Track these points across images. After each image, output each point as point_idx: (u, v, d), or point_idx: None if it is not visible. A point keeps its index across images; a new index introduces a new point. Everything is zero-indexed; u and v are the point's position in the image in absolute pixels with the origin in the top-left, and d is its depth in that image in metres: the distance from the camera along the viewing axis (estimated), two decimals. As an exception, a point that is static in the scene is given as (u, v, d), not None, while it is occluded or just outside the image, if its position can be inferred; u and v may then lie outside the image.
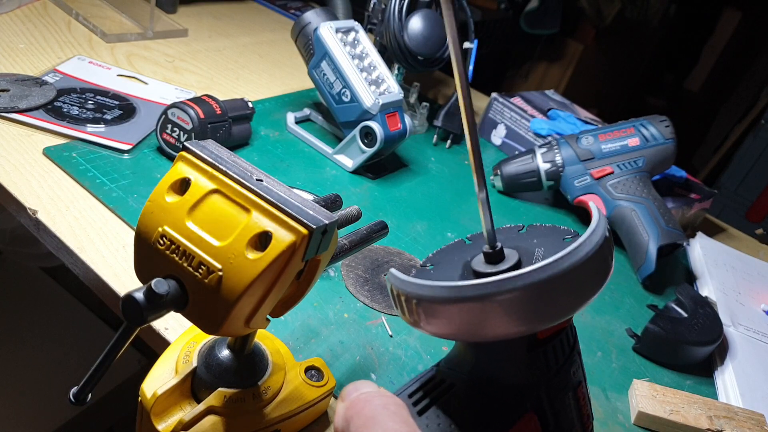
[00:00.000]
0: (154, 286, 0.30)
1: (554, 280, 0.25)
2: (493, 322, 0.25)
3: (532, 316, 0.25)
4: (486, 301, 0.25)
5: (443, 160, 0.90)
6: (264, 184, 0.33)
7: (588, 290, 0.26)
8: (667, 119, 0.81)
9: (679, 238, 0.74)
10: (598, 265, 0.26)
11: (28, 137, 0.65)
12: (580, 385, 0.31)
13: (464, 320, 0.26)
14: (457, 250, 0.34)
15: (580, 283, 0.25)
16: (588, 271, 0.26)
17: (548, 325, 0.26)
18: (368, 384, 0.27)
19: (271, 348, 0.42)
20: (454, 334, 0.26)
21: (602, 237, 0.26)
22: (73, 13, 0.94)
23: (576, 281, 0.25)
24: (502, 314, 0.25)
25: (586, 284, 0.26)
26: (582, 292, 0.26)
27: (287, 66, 1.03)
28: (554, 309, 0.25)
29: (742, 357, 0.65)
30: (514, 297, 0.24)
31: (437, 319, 0.26)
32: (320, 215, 0.32)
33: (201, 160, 0.33)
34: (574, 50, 2.14)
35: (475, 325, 0.25)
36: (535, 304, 0.25)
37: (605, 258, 0.26)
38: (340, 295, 0.58)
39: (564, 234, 0.31)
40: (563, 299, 0.25)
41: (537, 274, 0.24)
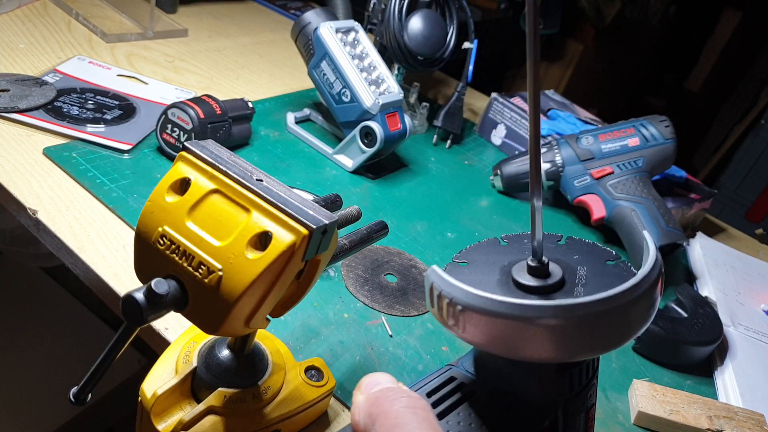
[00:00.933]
0: (154, 286, 0.30)
1: (608, 314, 0.24)
2: (535, 345, 0.24)
3: (576, 347, 0.25)
4: (534, 324, 0.24)
5: (443, 160, 0.90)
6: (264, 184, 0.33)
7: (637, 326, 0.26)
8: (667, 119, 0.81)
9: (679, 238, 0.74)
10: (650, 303, 0.26)
11: (28, 137, 0.65)
12: (592, 407, 0.31)
13: (506, 336, 0.25)
14: (492, 251, 0.33)
15: (630, 320, 0.25)
16: (641, 308, 0.25)
17: (589, 356, 0.25)
18: (388, 378, 0.26)
19: (271, 348, 0.42)
20: (491, 346, 0.26)
21: (658, 273, 0.26)
22: (73, 13, 0.94)
23: (627, 317, 0.25)
24: (546, 339, 0.24)
25: (637, 320, 0.25)
26: (630, 328, 0.25)
27: (287, 66, 1.03)
28: (599, 342, 0.25)
29: (742, 357, 0.65)
30: (564, 325, 0.24)
31: (478, 329, 0.26)
32: (320, 215, 0.32)
33: (201, 160, 0.33)
34: (574, 50, 2.14)
35: (515, 344, 0.25)
36: (583, 334, 0.24)
37: (657, 296, 0.26)
38: (340, 295, 0.58)
39: (606, 256, 0.30)
40: (611, 333, 0.25)
41: (593, 306, 0.24)
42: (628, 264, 0.30)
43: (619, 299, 0.24)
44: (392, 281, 0.62)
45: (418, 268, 0.65)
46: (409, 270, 0.64)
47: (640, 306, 0.25)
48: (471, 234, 0.74)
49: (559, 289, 0.28)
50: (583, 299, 0.24)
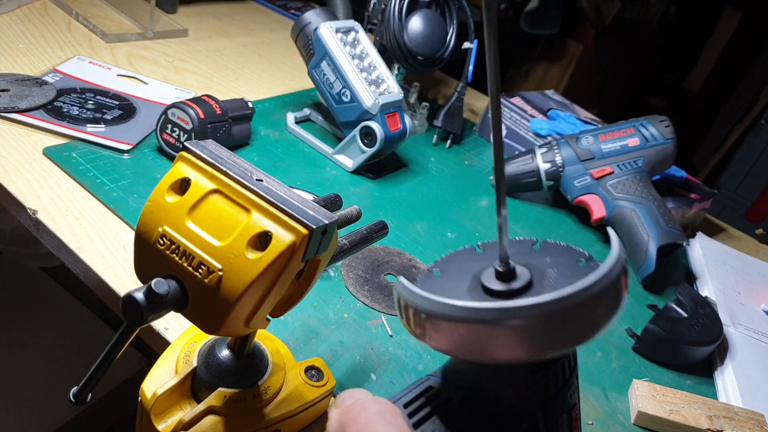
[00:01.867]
0: (154, 286, 0.30)
1: (570, 310, 0.24)
2: (501, 346, 0.25)
3: (542, 345, 0.25)
4: (497, 326, 0.25)
5: (443, 160, 0.90)
6: (264, 184, 0.33)
7: (601, 322, 0.26)
8: (667, 119, 0.81)
9: (679, 238, 0.74)
10: (614, 298, 0.26)
11: (28, 137, 0.65)
12: (574, 406, 0.31)
13: (472, 341, 0.25)
14: (467, 258, 0.33)
15: (595, 315, 0.25)
16: (604, 303, 0.25)
17: (556, 354, 0.26)
18: (362, 391, 0.27)
19: (271, 348, 0.42)
20: (459, 352, 0.26)
21: (621, 269, 0.26)
22: (73, 13, 0.94)
23: (591, 313, 0.25)
24: (512, 339, 0.25)
25: (600, 316, 0.26)
26: (595, 323, 0.26)
27: (287, 66, 1.03)
28: (565, 339, 0.25)
29: (742, 357, 0.65)
30: (526, 324, 0.24)
31: (444, 335, 0.26)
32: (320, 215, 0.32)
33: (201, 160, 0.33)
34: (574, 50, 2.14)
35: (482, 347, 0.25)
36: (547, 332, 0.25)
37: (621, 290, 0.26)
38: (340, 295, 0.58)
39: (578, 256, 0.31)
40: (576, 330, 0.25)
41: (553, 305, 0.24)
42: (600, 264, 0.30)
43: (578, 295, 0.24)
44: (392, 281, 0.62)
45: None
46: (409, 270, 0.64)
47: (603, 300, 0.25)
48: (471, 234, 0.74)
49: (526, 291, 0.28)
50: (542, 298, 0.24)
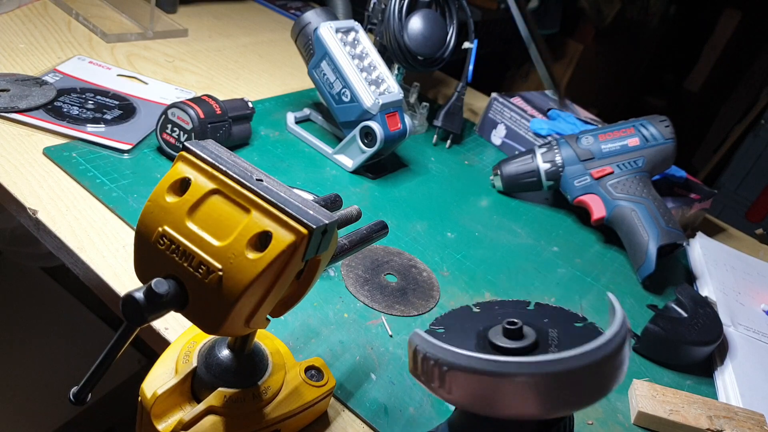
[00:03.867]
0: (154, 286, 0.30)
1: (588, 368, 0.25)
2: (518, 401, 0.26)
3: (557, 401, 0.26)
4: (518, 380, 0.25)
5: (443, 160, 0.90)
6: (264, 184, 0.33)
7: (611, 382, 0.27)
8: (667, 119, 0.81)
9: (679, 238, 0.74)
10: (622, 358, 0.27)
11: (28, 137, 0.65)
12: None
13: (491, 395, 0.26)
14: (466, 318, 0.34)
15: (606, 374, 0.26)
16: (614, 362, 0.27)
17: (568, 412, 0.26)
18: None
19: (271, 348, 0.42)
20: (475, 405, 0.27)
21: (626, 332, 0.27)
22: (73, 13, 0.94)
23: (603, 372, 0.26)
24: (529, 394, 0.25)
25: (611, 375, 0.27)
26: (606, 383, 0.27)
27: (287, 66, 1.03)
28: (579, 398, 0.26)
29: (742, 357, 0.65)
30: (546, 380, 0.25)
31: (462, 389, 0.27)
32: (320, 215, 0.32)
33: (201, 160, 0.33)
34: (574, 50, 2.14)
35: (499, 401, 0.26)
36: (564, 389, 0.25)
37: (627, 350, 0.27)
38: (340, 295, 0.58)
39: (573, 319, 0.32)
40: (590, 388, 0.26)
41: (574, 361, 0.25)
42: (595, 324, 0.32)
43: (595, 354, 0.26)
44: (392, 281, 0.62)
45: (418, 268, 0.65)
46: (409, 270, 0.64)
47: (613, 360, 0.26)
48: (471, 234, 0.74)
49: (534, 350, 0.29)
50: (564, 354, 0.25)
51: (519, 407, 0.25)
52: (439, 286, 0.64)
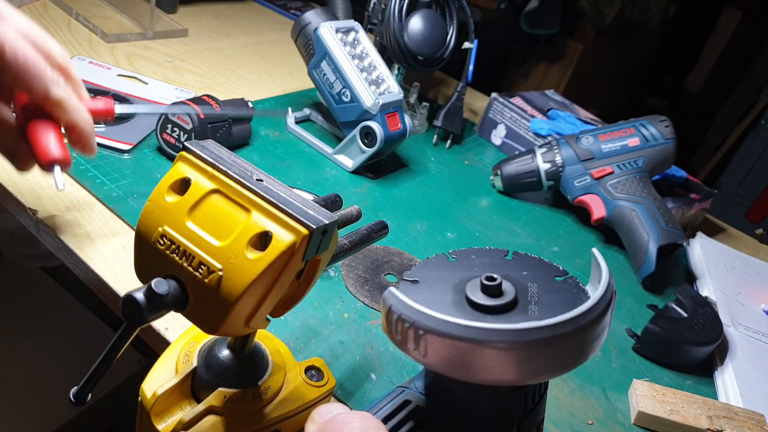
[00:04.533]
0: (154, 286, 0.30)
1: (568, 336, 0.25)
2: (496, 368, 0.25)
3: (535, 368, 0.25)
4: (497, 347, 0.24)
5: (443, 160, 0.90)
6: (264, 184, 0.33)
7: (592, 348, 0.26)
8: (667, 119, 0.81)
9: (679, 238, 0.74)
10: (605, 324, 0.26)
11: (28, 137, 0.65)
12: (542, 422, 0.32)
13: (468, 360, 0.25)
14: (442, 268, 0.33)
15: (588, 341, 0.26)
16: (597, 329, 0.26)
17: (547, 378, 0.26)
18: (340, 406, 0.27)
19: (271, 348, 0.42)
20: (451, 370, 0.26)
21: (611, 296, 0.27)
22: (73, 13, 0.94)
23: (585, 339, 0.26)
24: (508, 362, 0.25)
25: (592, 342, 0.26)
26: (586, 349, 0.26)
27: (287, 66, 1.03)
28: (559, 364, 0.25)
29: (742, 357, 0.65)
30: (526, 348, 0.24)
31: (438, 353, 0.26)
32: (320, 215, 0.32)
33: (201, 160, 0.33)
34: (574, 50, 2.14)
35: (476, 367, 0.25)
36: (543, 357, 0.25)
37: (609, 317, 0.27)
38: (340, 295, 0.58)
39: (553, 271, 0.31)
40: (570, 355, 0.26)
41: (555, 329, 0.24)
42: (576, 279, 0.31)
43: (579, 320, 0.25)
44: (392, 281, 0.62)
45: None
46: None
47: (595, 327, 0.26)
48: (471, 234, 0.74)
49: (513, 308, 0.28)
50: (547, 321, 0.24)
51: (496, 374, 0.25)
52: (439, 286, 0.64)
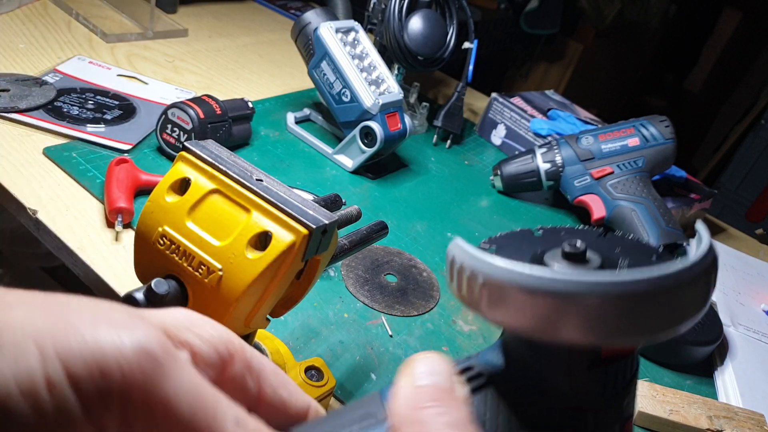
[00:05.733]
0: (154, 286, 0.30)
1: (655, 293, 0.22)
2: (569, 325, 0.22)
3: (616, 327, 0.22)
4: (570, 299, 0.22)
5: (443, 160, 0.90)
6: (264, 184, 0.33)
7: (686, 314, 0.23)
8: (667, 119, 0.81)
9: (679, 238, 0.74)
10: (704, 289, 0.23)
11: (28, 137, 0.65)
12: (629, 419, 0.28)
13: (536, 315, 0.22)
14: (525, 240, 0.30)
15: (680, 304, 0.23)
16: (693, 292, 0.23)
17: (628, 342, 0.23)
18: (444, 367, 0.22)
19: (271, 348, 0.42)
20: (518, 326, 0.23)
21: (713, 259, 0.24)
22: (73, 13, 0.94)
23: (677, 300, 0.23)
24: (584, 317, 0.22)
25: (686, 306, 0.23)
26: (678, 313, 0.23)
27: (287, 66, 1.03)
28: (642, 326, 0.23)
29: (742, 357, 0.65)
30: (604, 301, 0.22)
31: (503, 306, 0.23)
32: (320, 215, 0.32)
33: (201, 160, 0.33)
34: (574, 50, 2.14)
35: (546, 323, 0.22)
36: (626, 314, 0.22)
37: (711, 283, 0.24)
38: (340, 295, 0.58)
39: (651, 252, 0.28)
40: (658, 317, 0.23)
41: (642, 283, 0.22)
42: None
43: (678, 276, 0.22)
44: (392, 281, 0.62)
45: (418, 268, 0.65)
46: (409, 270, 0.64)
47: (691, 290, 0.23)
48: (471, 234, 0.74)
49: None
50: (631, 275, 0.22)
51: (568, 332, 0.22)
52: (439, 286, 0.64)
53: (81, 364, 0.16)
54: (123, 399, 0.17)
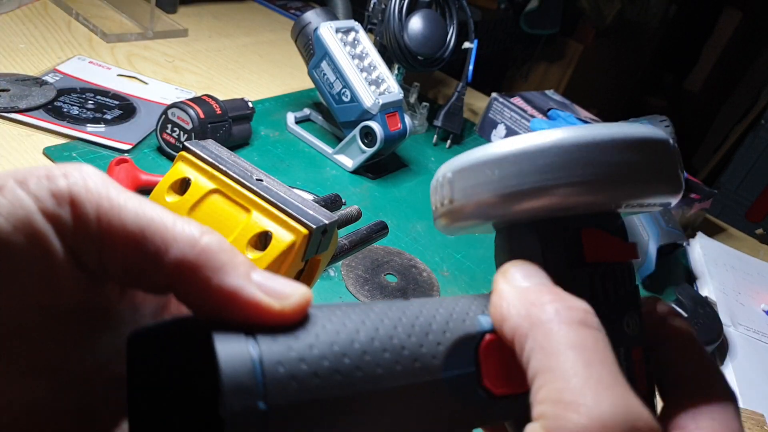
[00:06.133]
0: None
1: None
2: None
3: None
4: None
5: (443, 160, 0.90)
6: (264, 184, 0.33)
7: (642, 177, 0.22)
8: (667, 119, 0.81)
9: (679, 238, 0.74)
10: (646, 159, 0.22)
11: (28, 137, 0.65)
12: (639, 347, 0.23)
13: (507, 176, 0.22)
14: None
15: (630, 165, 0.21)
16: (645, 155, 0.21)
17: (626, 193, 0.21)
18: (538, 272, 0.21)
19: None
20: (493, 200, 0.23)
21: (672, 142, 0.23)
22: (73, 13, 0.94)
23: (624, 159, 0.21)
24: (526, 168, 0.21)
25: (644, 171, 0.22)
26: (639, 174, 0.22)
27: (287, 66, 1.03)
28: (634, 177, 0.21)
29: (742, 357, 0.65)
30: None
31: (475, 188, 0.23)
32: (320, 215, 0.32)
33: (201, 160, 0.33)
34: (574, 50, 2.14)
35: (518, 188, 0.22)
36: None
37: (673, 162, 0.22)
38: (340, 295, 0.58)
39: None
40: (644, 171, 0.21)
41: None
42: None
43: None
44: (392, 281, 0.62)
45: (418, 268, 0.65)
46: (409, 270, 0.64)
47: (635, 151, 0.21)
48: (471, 233, 0.74)
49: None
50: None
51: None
52: (439, 286, 0.64)
53: (26, 172, 0.18)
54: (73, 199, 0.18)
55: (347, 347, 0.19)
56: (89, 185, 0.18)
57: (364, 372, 0.19)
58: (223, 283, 0.18)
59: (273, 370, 0.18)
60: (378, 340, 0.20)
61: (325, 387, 0.18)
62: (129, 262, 0.19)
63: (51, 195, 0.18)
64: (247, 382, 0.17)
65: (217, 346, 0.17)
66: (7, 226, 0.17)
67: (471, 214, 0.24)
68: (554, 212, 0.23)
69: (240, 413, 0.17)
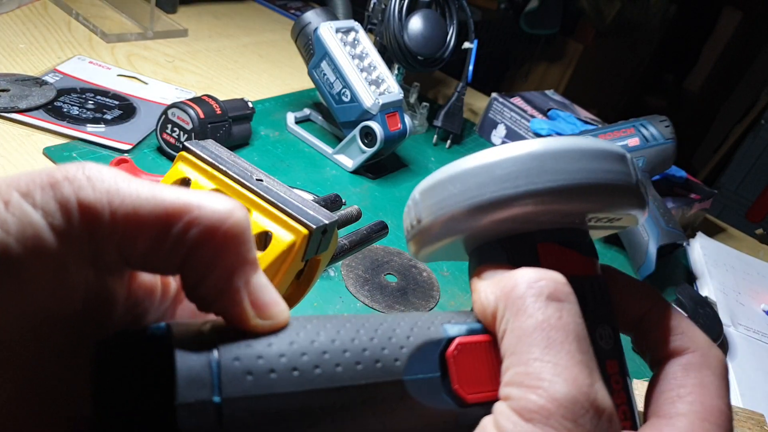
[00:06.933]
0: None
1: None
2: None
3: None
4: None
5: (443, 160, 0.90)
6: (264, 184, 0.33)
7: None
8: (667, 119, 0.81)
9: (679, 238, 0.74)
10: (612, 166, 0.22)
11: (28, 137, 0.65)
12: (614, 361, 0.24)
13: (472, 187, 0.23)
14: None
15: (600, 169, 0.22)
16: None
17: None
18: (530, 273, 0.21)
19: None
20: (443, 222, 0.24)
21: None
22: (73, 13, 0.94)
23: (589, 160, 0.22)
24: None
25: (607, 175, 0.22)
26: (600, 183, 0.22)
27: (287, 66, 1.03)
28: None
29: (742, 357, 0.65)
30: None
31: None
32: (320, 215, 0.32)
33: (201, 160, 0.33)
34: (574, 50, 2.14)
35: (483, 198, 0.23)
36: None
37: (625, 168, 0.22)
38: (340, 295, 0.58)
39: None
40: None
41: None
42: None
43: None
44: (392, 281, 0.62)
45: (418, 268, 0.65)
46: (409, 270, 0.64)
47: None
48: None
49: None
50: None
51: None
52: (439, 286, 0.64)
53: (29, 181, 0.17)
54: (82, 204, 0.17)
55: (306, 346, 0.19)
56: (96, 185, 0.18)
57: (322, 369, 0.19)
58: (226, 278, 0.19)
59: (229, 364, 0.18)
60: (339, 341, 0.20)
61: (281, 382, 0.18)
62: (149, 247, 0.19)
63: (58, 206, 0.17)
64: (201, 374, 0.17)
65: (175, 345, 0.18)
66: (18, 248, 0.16)
67: (439, 231, 0.25)
68: (517, 225, 0.23)
69: (193, 405, 0.17)
